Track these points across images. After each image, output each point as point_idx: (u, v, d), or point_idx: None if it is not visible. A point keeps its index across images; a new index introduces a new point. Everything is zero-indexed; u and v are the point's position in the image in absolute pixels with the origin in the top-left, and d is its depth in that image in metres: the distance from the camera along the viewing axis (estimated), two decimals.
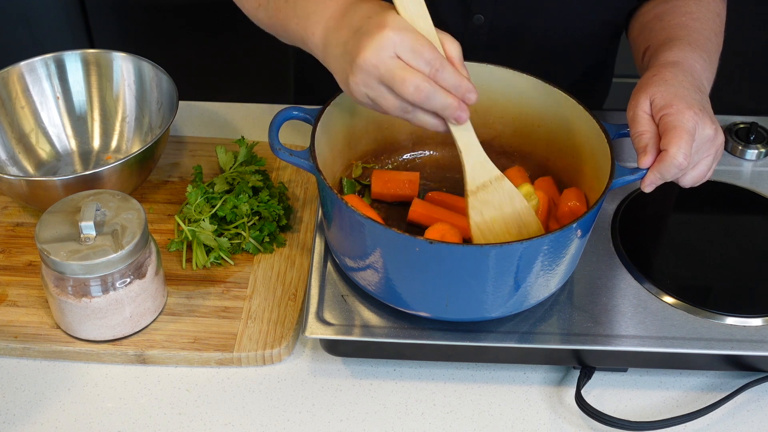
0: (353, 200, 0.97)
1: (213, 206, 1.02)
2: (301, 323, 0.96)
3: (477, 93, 0.82)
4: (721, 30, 1.06)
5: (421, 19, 0.81)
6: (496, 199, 0.89)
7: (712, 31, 1.03)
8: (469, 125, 0.86)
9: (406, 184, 1.02)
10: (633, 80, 0.95)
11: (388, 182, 1.01)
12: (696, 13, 1.04)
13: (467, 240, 0.92)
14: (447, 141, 1.05)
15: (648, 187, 0.87)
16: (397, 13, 0.80)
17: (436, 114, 0.83)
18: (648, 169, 0.87)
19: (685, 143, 0.84)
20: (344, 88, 0.85)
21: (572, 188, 0.98)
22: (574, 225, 0.83)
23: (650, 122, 0.89)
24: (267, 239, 1.04)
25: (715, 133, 0.88)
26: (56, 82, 1.16)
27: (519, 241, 0.81)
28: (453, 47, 0.83)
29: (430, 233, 0.92)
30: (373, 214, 0.95)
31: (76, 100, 1.17)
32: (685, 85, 0.90)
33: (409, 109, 0.82)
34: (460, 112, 0.82)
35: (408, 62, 0.79)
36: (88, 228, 0.88)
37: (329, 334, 0.89)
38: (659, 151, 0.86)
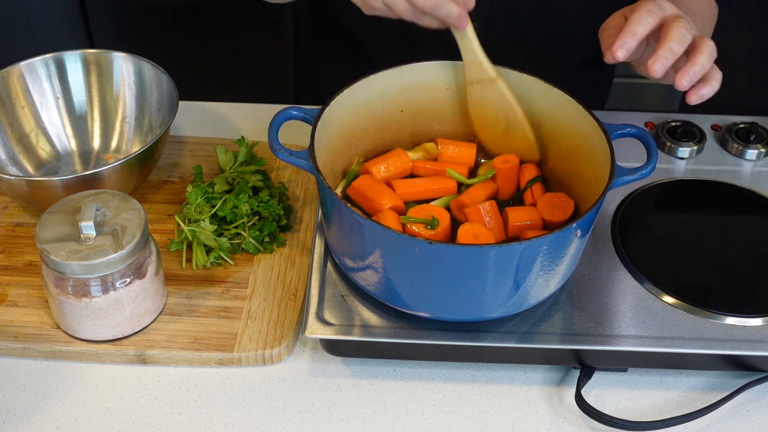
0: (370, 179, 0.97)
1: (213, 206, 1.03)
2: (301, 323, 0.96)
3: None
4: (712, 16, 1.10)
5: None
6: (488, 95, 1.00)
7: (705, 12, 1.07)
8: (469, 29, 0.96)
9: (398, 161, 1.01)
10: (633, 80, 0.95)
11: (387, 167, 1.01)
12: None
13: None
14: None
15: (618, 50, 0.91)
16: None
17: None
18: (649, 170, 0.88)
19: (651, 3, 0.91)
20: None
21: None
22: (574, 225, 0.83)
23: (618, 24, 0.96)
24: (267, 239, 1.04)
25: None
26: (56, 82, 1.16)
27: (519, 241, 0.81)
28: None
29: (462, 236, 0.92)
30: (389, 192, 0.96)
31: (76, 100, 1.17)
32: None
33: (419, 15, 0.92)
34: (461, 20, 0.94)
35: None
36: (88, 228, 0.88)
37: (329, 334, 0.89)
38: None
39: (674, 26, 0.90)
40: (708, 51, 0.90)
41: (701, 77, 0.90)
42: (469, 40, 0.97)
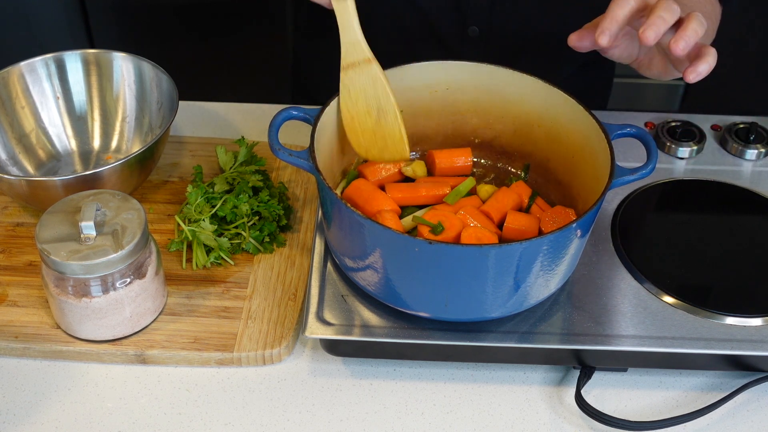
0: (363, 184, 0.97)
1: (213, 206, 1.03)
2: (301, 323, 0.96)
3: None
4: (714, 15, 1.08)
5: None
6: (362, 79, 0.95)
7: (705, 10, 1.06)
8: (350, 3, 0.92)
9: (390, 166, 1.01)
10: (633, 80, 0.95)
11: (379, 169, 1.01)
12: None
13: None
14: (446, 142, 1.05)
15: (601, 36, 0.89)
16: None
17: None
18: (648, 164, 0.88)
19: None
20: None
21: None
22: (574, 225, 0.83)
23: None
24: (267, 239, 1.04)
25: None
26: (56, 82, 1.16)
27: (519, 241, 0.81)
28: None
29: (466, 239, 0.91)
30: (383, 197, 0.96)
31: (76, 100, 1.17)
32: None
33: None
34: None
35: None
36: (88, 228, 0.88)
37: (329, 334, 0.89)
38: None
39: (660, 1, 0.88)
40: (698, 18, 0.88)
41: (696, 55, 0.89)
42: (350, 16, 0.93)
